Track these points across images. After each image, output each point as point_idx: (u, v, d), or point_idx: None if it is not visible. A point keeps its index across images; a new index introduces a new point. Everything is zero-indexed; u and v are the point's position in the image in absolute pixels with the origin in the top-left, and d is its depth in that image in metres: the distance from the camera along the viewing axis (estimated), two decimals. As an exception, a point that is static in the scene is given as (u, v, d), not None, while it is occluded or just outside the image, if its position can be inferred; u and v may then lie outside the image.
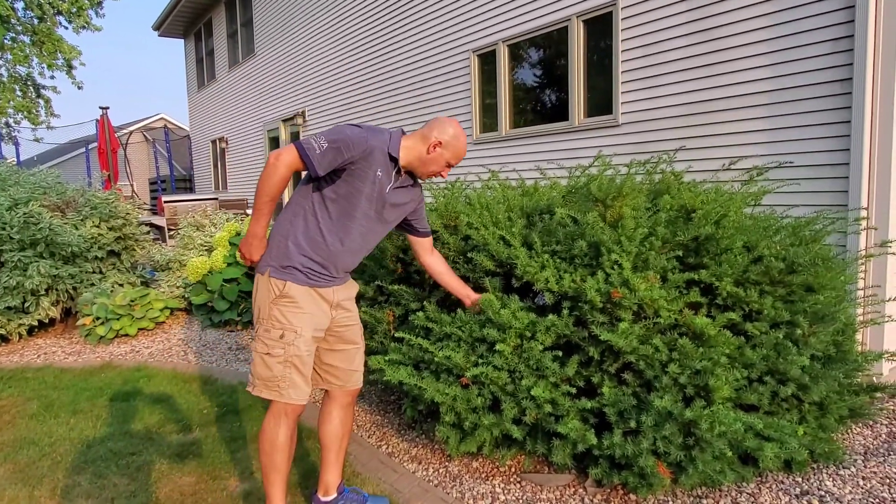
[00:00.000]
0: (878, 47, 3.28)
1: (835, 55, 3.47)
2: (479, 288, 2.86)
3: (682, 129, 4.32)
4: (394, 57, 7.40)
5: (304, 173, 2.07)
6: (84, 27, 15.70)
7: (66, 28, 16.07)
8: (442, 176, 2.23)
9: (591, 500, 2.40)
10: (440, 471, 2.71)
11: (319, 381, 2.31)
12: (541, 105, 5.73)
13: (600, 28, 4.95)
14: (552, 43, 5.46)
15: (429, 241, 2.46)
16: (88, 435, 3.23)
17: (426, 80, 6.89)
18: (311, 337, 2.09)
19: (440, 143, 2.11)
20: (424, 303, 2.76)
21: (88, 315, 5.18)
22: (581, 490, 2.47)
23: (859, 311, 3.22)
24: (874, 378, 3.23)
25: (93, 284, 5.56)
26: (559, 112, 5.43)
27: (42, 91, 16.38)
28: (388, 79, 7.57)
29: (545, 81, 5.68)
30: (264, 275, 2.09)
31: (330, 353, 2.26)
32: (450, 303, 2.80)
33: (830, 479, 2.42)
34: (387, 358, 2.62)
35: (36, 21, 15.05)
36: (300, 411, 2.14)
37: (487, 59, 6.09)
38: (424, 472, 2.71)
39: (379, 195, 2.11)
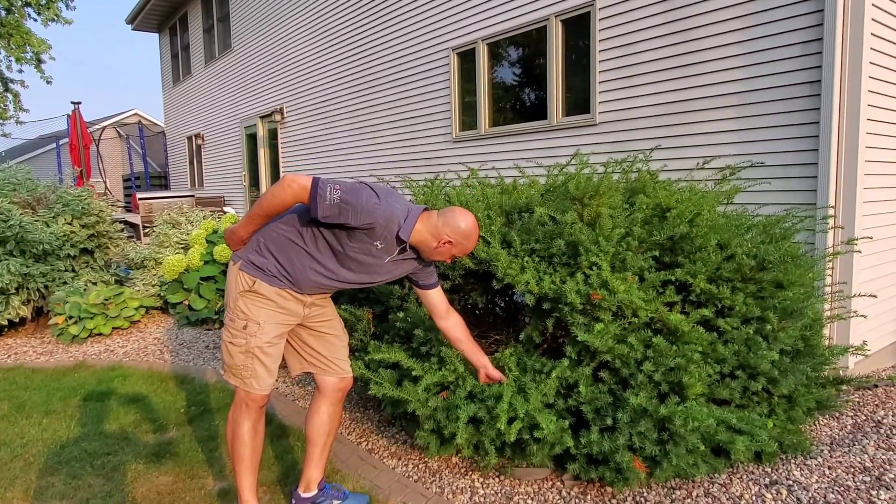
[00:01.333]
0: (846, 50, 3.37)
1: (805, 58, 3.56)
2: (457, 288, 2.88)
3: (657, 128, 4.40)
4: (373, 54, 7.38)
5: None
6: (53, 20, 15.35)
7: (35, 21, 15.70)
8: (446, 261, 2.21)
9: (569, 493, 2.44)
10: (420, 466, 2.73)
11: (305, 364, 2.33)
12: (520, 104, 5.77)
13: (578, 28, 5.00)
14: (531, 42, 5.50)
15: (441, 298, 2.30)
16: (62, 435, 3.18)
17: (406, 77, 6.89)
18: (274, 330, 2.10)
19: (451, 241, 2.06)
20: (403, 303, 2.78)
21: (61, 314, 5.09)
22: (559, 483, 2.51)
23: (826, 306, 3.31)
24: (840, 371, 3.33)
25: (65, 283, 5.45)
26: (538, 111, 5.48)
27: (10, 85, 15.97)
28: (367, 76, 7.54)
29: (524, 80, 5.72)
30: (236, 265, 2.12)
31: (312, 337, 2.29)
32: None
33: (798, 469, 2.49)
34: (366, 359, 2.63)
35: (3, 13, 14.66)
36: (262, 403, 2.15)
37: (467, 58, 6.11)
38: (404, 468, 2.73)
39: (373, 262, 2.08)
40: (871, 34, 3.41)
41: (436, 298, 2.28)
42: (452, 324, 2.31)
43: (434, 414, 2.38)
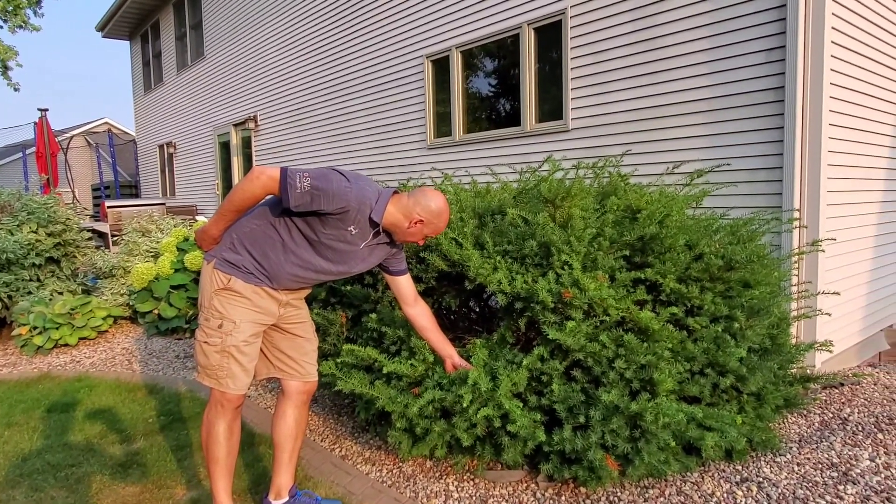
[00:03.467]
0: (808, 58, 3.47)
1: (768, 64, 3.65)
2: (431, 290, 2.87)
3: (628, 134, 4.46)
4: (348, 61, 7.38)
5: None
6: (21, 27, 15.05)
7: (1, 27, 15.36)
8: (419, 244, 2.22)
9: (543, 495, 2.44)
10: (394, 471, 2.70)
11: (272, 369, 2.29)
12: (494, 110, 5.81)
13: (550, 36, 5.07)
14: (505, 50, 5.56)
15: (410, 285, 2.31)
16: (24, 448, 3.07)
17: (381, 84, 6.89)
18: (250, 329, 2.08)
19: (421, 220, 2.07)
20: (378, 305, 2.76)
21: (25, 324, 4.94)
22: (533, 485, 2.51)
23: (793, 305, 3.39)
24: (808, 370, 3.40)
25: (30, 293, 5.30)
26: (512, 117, 5.52)
27: (-26, 92, 15.57)
28: (342, 83, 7.53)
29: (498, 87, 5.76)
30: (210, 264, 2.09)
31: (283, 340, 2.26)
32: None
33: (768, 466, 2.53)
34: (339, 361, 2.60)
35: (-32, 19, 14.32)
36: (237, 403, 2.12)
37: (441, 65, 6.14)
38: (378, 474, 2.70)
39: (349, 249, 2.08)
40: (832, 42, 3.52)
41: (405, 285, 2.30)
42: (420, 311, 2.33)
43: (405, 411, 2.36)
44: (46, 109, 10.26)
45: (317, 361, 2.35)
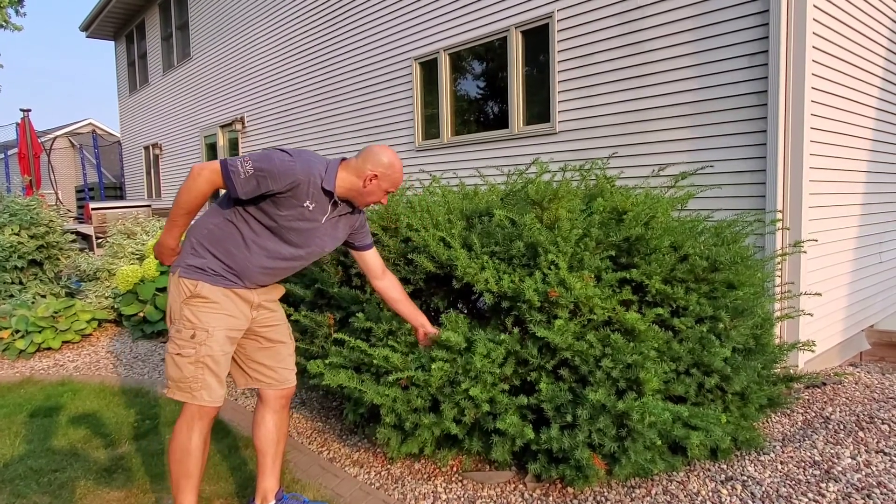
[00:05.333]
0: (790, 62, 3.53)
1: (752, 69, 3.70)
2: (419, 292, 2.88)
3: (615, 136, 4.50)
4: (336, 63, 7.36)
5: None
6: (2, 26, 14.83)
7: (-17, 26, 15.13)
8: (382, 203, 2.16)
9: (531, 495, 2.45)
10: (382, 473, 2.70)
11: (249, 381, 2.24)
12: (482, 113, 5.83)
13: (538, 39, 5.10)
14: (492, 52, 5.58)
15: (377, 259, 2.32)
16: (6, 453, 3.03)
17: (369, 86, 6.89)
18: (224, 337, 2.01)
19: (375, 175, 2.03)
20: (364, 305, 2.76)
21: (7, 328, 4.87)
22: (521, 486, 2.52)
23: (776, 305, 3.43)
24: (791, 370, 3.45)
25: (12, 296, 5.23)
26: (500, 120, 5.54)
27: (-45, 92, 15.33)
28: (329, 85, 7.51)
29: (486, 90, 5.79)
30: (175, 275, 2.03)
31: (258, 350, 2.20)
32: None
33: (752, 465, 2.56)
34: (327, 361, 2.60)
35: (-52, 18, 14.11)
36: (213, 414, 2.07)
37: (429, 67, 6.15)
38: (366, 476, 2.69)
39: (311, 226, 2.03)
40: (814, 47, 3.58)
41: (372, 259, 2.31)
42: (388, 283, 2.33)
43: (394, 405, 2.37)
44: (29, 110, 10.13)
45: (294, 364, 2.31)
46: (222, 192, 2.00)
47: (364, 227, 2.26)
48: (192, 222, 2.10)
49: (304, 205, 1.96)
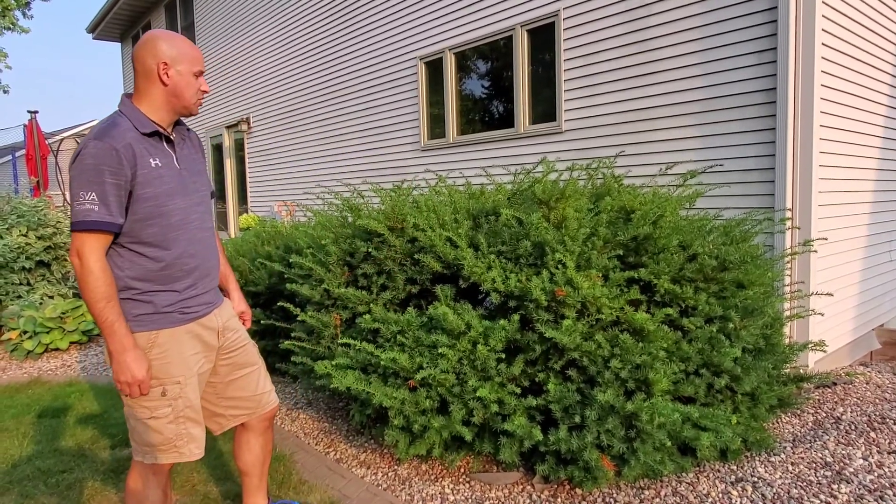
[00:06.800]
0: (799, 59, 3.50)
1: (760, 66, 3.67)
2: (425, 292, 2.86)
3: (621, 135, 4.48)
4: (341, 62, 7.36)
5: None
6: (9, 28, 14.92)
7: (-9, 29, 15.22)
8: (204, 91, 1.78)
9: (539, 496, 2.43)
10: (389, 474, 2.69)
11: (228, 421, 2.00)
12: (487, 112, 5.81)
13: (544, 38, 5.08)
14: (498, 51, 5.56)
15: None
16: (14, 454, 3.04)
17: (374, 86, 6.89)
18: (195, 382, 1.78)
19: (165, 63, 1.66)
20: (371, 305, 2.75)
21: (15, 329, 4.89)
22: (529, 487, 2.50)
23: (786, 305, 3.40)
24: (801, 370, 3.41)
25: (20, 297, 5.25)
26: (505, 119, 5.52)
27: (-37, 94, 15.44)
28: (335, 84, 7.51)
29: (491, 89, 5.77)
30: None
31: (228, 385, 1.95)
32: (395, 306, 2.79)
33: (763, 466, 2.54)
34: (334, 363, 2.59)
35: (-43, 21, 14.20)
36: (171, 465, 1.84)
37: (434, 67, 6.14)
38: (373, 477, 2.68)
39: (174, 175, 1.72)
40: (823, 44, 3.54)
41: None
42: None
43: (402, 407, 2.36)
44: (36, 112, 10.17)
45: (271, 382, 2.08)
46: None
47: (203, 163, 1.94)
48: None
49: (153, 163, 1.66)
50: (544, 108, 5.14)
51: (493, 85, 5.72)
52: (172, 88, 1.70)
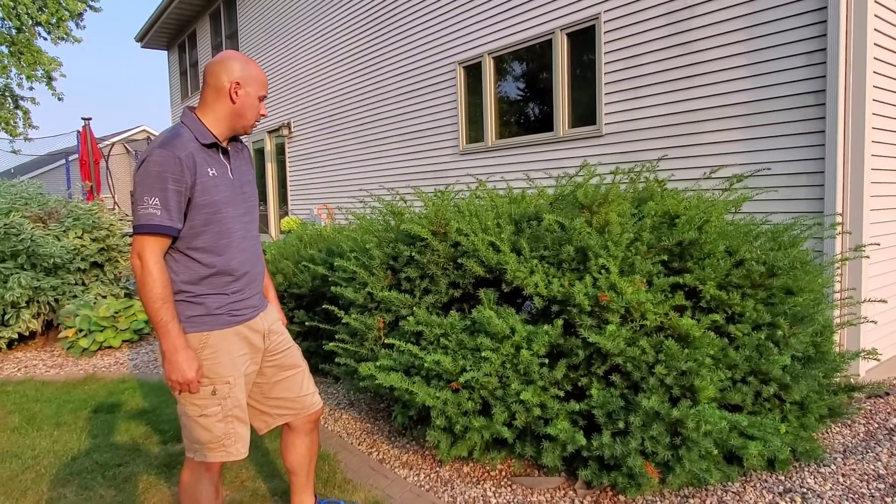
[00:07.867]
0: (850, 60, 3.40)
1: (809, 68, 3.59)
2: (468, 296, 2.89)
3: (663, 139, 4.43)
4: (381, 67, 7.47)
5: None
6: (63, 38, 15.60)
7: (45, 39, 15.94)
8: (263, 115, 1.90)
9: (582, 502, 2.43)
10: (431, 476, 2.73)
11: (273, 420, 2.08)
12: (526, 116, 5.82)
13: (583, 41, 5.06)
14: (536, 55, 5.56)
15: None
16: (73, 447, 3.19)
17: (413, 91, 6.96)
18: (244, 383, 1.88)
19: (237, 83, 1.78)
20: (414, 309, 2.79)
21: (71, 327, 5.12)
22: (571, 492, 2.50)
23: (836, 312, 3.31)
24: (851, 379, 3.32)
25: (75, 296, 5.49)
26: (544, 123, 5.52)
27: (21, 102, 16.20)
28: (375, 89, 7.62)
29: (530, 93, 5.77)
30: None
31: (274, 386, 2.03)
32: (438, 310, 2.83)
33: (812, 477, 2.48)
34: (377, 364, 2.64)
35: (14, 32, 14.91)
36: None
37: (473, 71, 6.18)
38: (416, 478, 2.72)
39: (227, 184, 1.82)
40: (875, 44, 3.44)
41: None
42: None
43: (445, 408, 2.39)
44: (90, 118, 10.62)
45: (314, 384, 2.15)
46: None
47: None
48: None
49: (211, 173, 1.76)
50: (584, 112, 5.11)
51: (532, 89, 5.72)
52: (239, 107, 1.82)
